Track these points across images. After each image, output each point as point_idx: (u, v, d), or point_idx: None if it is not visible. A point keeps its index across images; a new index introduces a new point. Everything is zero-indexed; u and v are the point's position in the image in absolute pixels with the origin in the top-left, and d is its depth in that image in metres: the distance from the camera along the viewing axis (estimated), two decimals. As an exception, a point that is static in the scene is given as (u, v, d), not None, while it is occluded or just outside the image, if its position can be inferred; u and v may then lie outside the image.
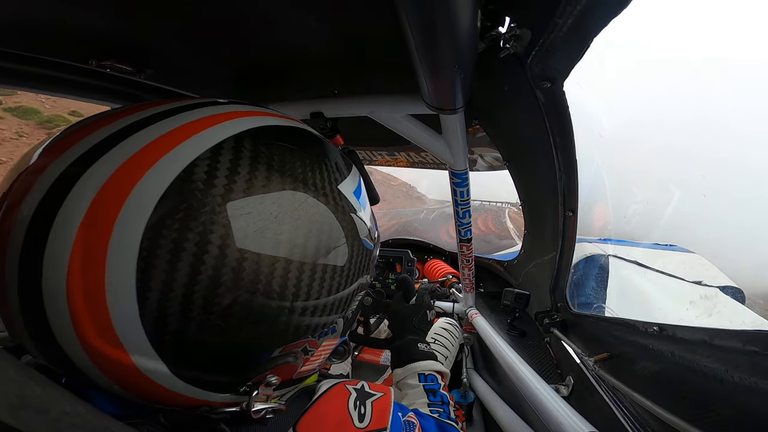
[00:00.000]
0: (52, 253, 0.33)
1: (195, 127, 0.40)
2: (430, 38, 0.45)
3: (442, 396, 0.83)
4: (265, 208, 0.40)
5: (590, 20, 0.49)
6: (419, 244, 2.57)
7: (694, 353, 0.55)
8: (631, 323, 0.75)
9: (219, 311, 0.37)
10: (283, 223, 0.41)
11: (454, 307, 1.71)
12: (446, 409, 0.80)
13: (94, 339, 0.34)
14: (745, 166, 71.06)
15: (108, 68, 0.79)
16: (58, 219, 0.33)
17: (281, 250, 0.40)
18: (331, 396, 0.53)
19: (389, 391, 0.61)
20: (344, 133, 0.93)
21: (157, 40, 0.72)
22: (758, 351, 0.43)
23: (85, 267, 0.33)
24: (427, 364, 0.90)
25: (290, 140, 0.47)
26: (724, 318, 1.87)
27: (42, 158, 0.37)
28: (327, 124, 0.91)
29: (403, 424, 0.59)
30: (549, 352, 1.17)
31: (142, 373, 0.37)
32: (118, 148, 0.36)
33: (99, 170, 0.35)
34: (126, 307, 0.34)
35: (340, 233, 0.48)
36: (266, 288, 0.39)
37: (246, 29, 0.66)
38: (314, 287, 0.44)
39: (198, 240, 0.35)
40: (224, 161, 0.39)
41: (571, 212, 0.97)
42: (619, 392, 0.69)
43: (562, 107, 0.73)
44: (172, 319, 0.36)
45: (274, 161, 0.42)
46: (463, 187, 1.11)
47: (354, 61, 0.75)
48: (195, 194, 0.36)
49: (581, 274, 1.70)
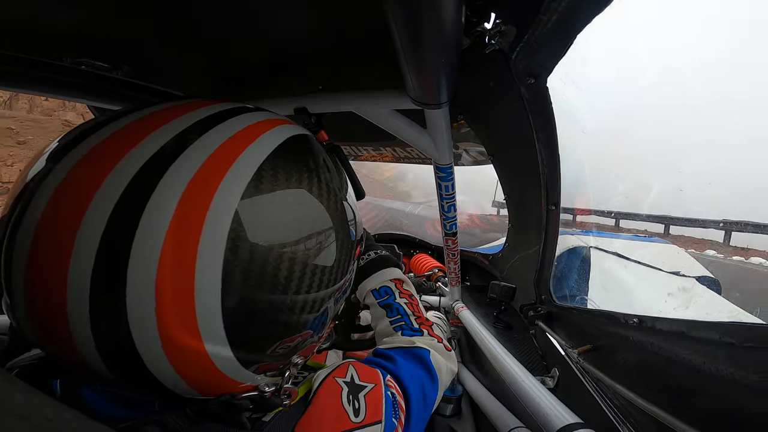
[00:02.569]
0: (141, 248, 0.35)
1: (253, 132, 0.44)
2: (416, 34, 0.45)
3: (397, 308, 0.83)
4: (305, 209, 0.46)
5: (574, 17, 0.49)
6: (405, 238, 2.58)
7: (673, 345, 0.57)
8: (613, 315, 0.76)
9: (275, 296, 0.42)
10: (303, 218, 0.46)
11: (441, 301, 1.72)
12: (407, 321, 0.80)
13: (175, 329, 0.36)
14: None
15: (83, 65, 0.77)
16: (144, 216, 0.35)
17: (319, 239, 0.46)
18: (325, 393, 0.54)
19: (379, 379, 0.62)
20: (329, 129, 0.92)
21: (135, 38, 0.70)
22: (735, 343, 0.45)
23: (176, 261, 0.35)
24: (374, 278, 0.87)
25: (312, 148, 0.52)
26: (701, 309, 1.94)
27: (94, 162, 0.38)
28: (311, 120, 0.90)
29: (392, 403, 0.60)
30: (534, 344, 1.20)
31: (210, 360, 0.40)
32: (183, 158, 0.38)
33: (178, 174, 0.37)
34: (211, 298, 0.37)
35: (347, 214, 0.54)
36: (312, 274, 0.45)
37: (228, 26, 0.64)
38: (341, 262, 0.51)
39: (267, 234, 0.40)
40: (280, 168, 0.43)
41: (554, 206, 0.99)
42: (602, 383, 0.70)
43: (545, 103, 0.74)
44: (245, 307, 0.40)
45: (307, 166, 0.48)
46: (448, 182, 1.12)
47: (338, 56, 0.74)
48: (265, 193, 0.41)
49: (564, 266, 1.73)
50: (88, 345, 0.36)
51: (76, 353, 0.36)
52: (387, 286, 0.86)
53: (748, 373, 0.41)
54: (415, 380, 0.68)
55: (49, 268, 0.35)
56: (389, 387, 0.62)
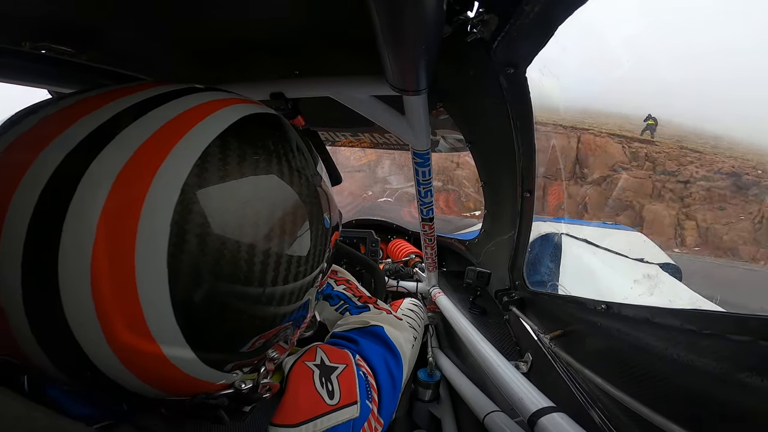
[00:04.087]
0: (71, 238, 0.31)
1: (202, 112, 0.40)
2: (397, 19, 0.44)
3: (337, 294, 0.84)
4: (261, 193, 0.41)
5: (556, 8, 0.49)
6: (382, 224, 2.58)
7: (638, 331, 0.59)
8: (581, 301, 0.79)
9: (240, 288, 0.38)
10: (265, 205, 0.42)
11: (418, 287, 1.74)
12: (350, 302, 0.82)
13: (123, 332, 0.33)
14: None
15: (44, 50, 0.71)
16: (76, 198, 0.32)
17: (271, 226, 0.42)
18: (296, 379, 0.53)
19: (350, 359, 0.62)
20: (305, 114, 0.90)
21: (99, 20, 0.65)
22: (695, 330, 0.47)
23: (112, 254, 0.32)
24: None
25: (275, 128, 0.48)
26: (664, 296, 2.06)
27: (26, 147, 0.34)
28: (288, 105, 0.87)
29: (365, 384, 0.60)
30: (508, 329, 1.23)
31: (172, 364, 0.36)
32: (118, 140, 0.35)
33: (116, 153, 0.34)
34: (157, 294, 0.33)
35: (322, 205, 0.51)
36: (279, 254, 0.41)
37: (199, 6, 0.60)
38: (318, 245, 0.48)
39: (220, 220, 0.36)
40: (232, 148, 0.39)
41: (528, 193, 1.01)
42: (572, 368, 0.73)
43: (523, 92, 0.74)
44: (200, 303, 0.36)
45: (265, 148, 0.43)
46: (425, 167, 1.13)
47: (316, 40, 0.72)
48: (215, 175, 0.37)
49: (537, 252, 1.79)
50: (32, 346, 0.33)
51: (25, 355, 0.34)
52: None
53: (707, 360, 0.43)
54: (380, 358, 0.70)
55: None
56: (360, 367, 0.63)
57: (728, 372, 0.41)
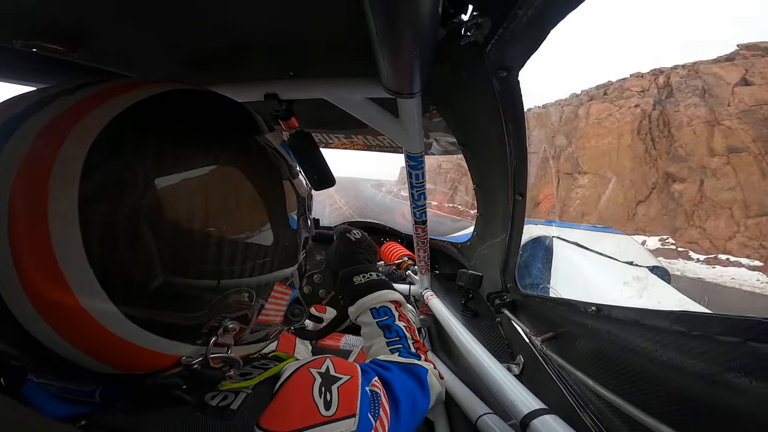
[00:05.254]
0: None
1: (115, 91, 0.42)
2: (392, 22, 0.44)
3: (397, 330, 0.82)
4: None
5: (550, 12, 0.50)
6: (375, 226, 2.57)
7: (628, 333, 0.60)
8: (572, 303, 0.80)
9: (163, 236, 0.38)
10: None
11: (411, 290, 1.74)
12: (405, 343, 0.80)
13: (37, 278, 0.33)
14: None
15: (35, 48, 0.70)
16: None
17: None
18: (294, 384, 0.51)
19: (356, 372, 0.59)
20: (300, 115, 0.90)
21: (92, 19, 0.64)
22: (684, 331, 0.47)
23: (27, 193, 0.33)
24: (374, 297, 0.86)
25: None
26: (654, 298, 2.09)
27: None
28: (282, 107, 0.87)
29: (370, 399, 0.57)
30: (501, 331, 1.24)
31: (93, 318, 0.35)
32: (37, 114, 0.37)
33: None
34: (67, 230, 0.33)
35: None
36: (205, 209, 0.42)
37: (195, 7, 0.60)
38: (256, 219, 0.49)
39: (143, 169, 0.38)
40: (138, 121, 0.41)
41: (520, 196, 1.01)
42: (564, 370, 0.74)
43: (515, 96, 0.74)
44: (116, 247, 0.35)
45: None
46: (419, 170, 1.13)
47: (312, 42, 0.71)
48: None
49: (528, 255, 1.80)
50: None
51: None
52: (387, 307, 0.85)
53: (696, 361, 0.44)
54: (407, 391, 0.68)
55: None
56: (374, 387, 0.60)
57: (717, 373, 0.41)
